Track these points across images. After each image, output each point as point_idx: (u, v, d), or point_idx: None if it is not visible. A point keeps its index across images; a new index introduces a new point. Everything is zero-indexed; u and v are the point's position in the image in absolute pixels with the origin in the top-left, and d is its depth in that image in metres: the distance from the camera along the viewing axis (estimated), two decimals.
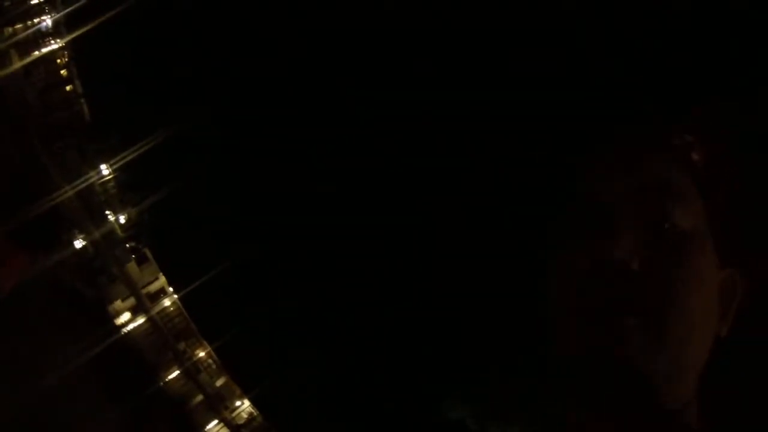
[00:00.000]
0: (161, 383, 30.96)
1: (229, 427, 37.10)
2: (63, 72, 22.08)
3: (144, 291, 32.89)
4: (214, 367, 39.63)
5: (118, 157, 24.55)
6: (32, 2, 19.38)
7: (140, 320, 31.63)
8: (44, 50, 20.43)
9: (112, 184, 26.63)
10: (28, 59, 19.49)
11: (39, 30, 20.21)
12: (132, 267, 31.34)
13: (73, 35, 20.20)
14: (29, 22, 19.56)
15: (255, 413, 40.92)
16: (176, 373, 34.13)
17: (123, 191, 27.48)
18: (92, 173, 24.61)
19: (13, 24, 18.72)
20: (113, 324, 27.62)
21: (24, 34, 19.11)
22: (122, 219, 28.80)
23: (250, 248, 33.95)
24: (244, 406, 40.58)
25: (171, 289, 36.69)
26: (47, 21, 20.26)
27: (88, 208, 25.27)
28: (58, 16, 20.17)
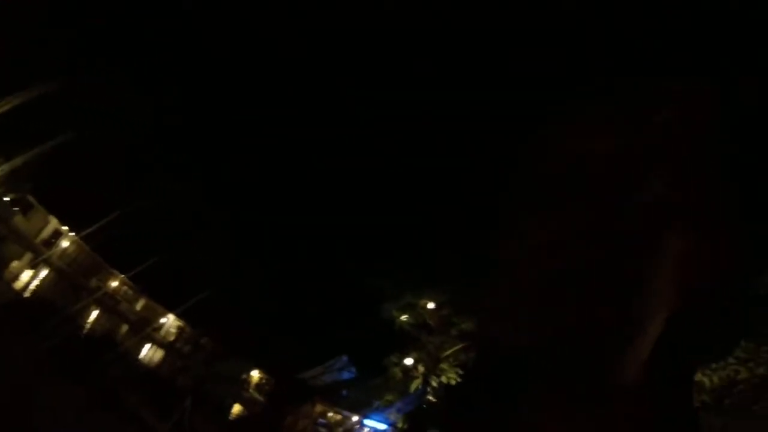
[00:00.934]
0: (85, 327, 30.61)
1: (162, 346, 38.03)
2: None
3: (38, 240, 30.98)
4: (131, 293, 39.35)
5: None
6: None
7: (43, 272, 30.19)
8: None
9: None
10: None
11: None
12: (19, 219, 29.10)
13: None
14: None
15: (183, 325, 41.90)
16: (96, 312, 33.70)
17: None
18: None
19: None
20: (16, 287, 26.28)
21: None
22: None
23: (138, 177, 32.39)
24: (171, 322, 41.34)
25: (65, 228, 34.71)
26: None
27: None
28: None
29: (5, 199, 27.84)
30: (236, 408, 36.96)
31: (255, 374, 42.44)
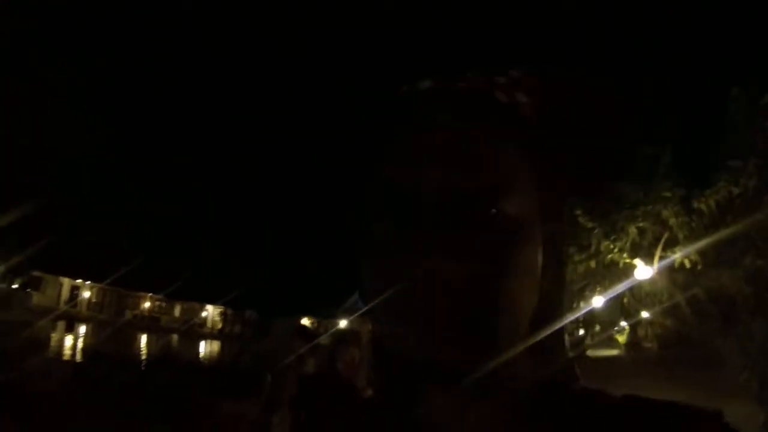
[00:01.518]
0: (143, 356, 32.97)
1: (214, 338, 40.76)
2: None
3: (61, 305, 32.67)
4: (164, 305, 41.57)
5: None
6: None
7: (82, 329, 32.16)
8: None
9: None
10: None
11: None
12: (37, 297, 30.58)
13: None
14: None
15: (224, 310, 44.40)
16: (145, 337, 36.05)
17: None
18: None
19: None
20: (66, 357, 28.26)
21: None
22: None
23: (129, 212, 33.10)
24: (211, 312, 43.85)
25: (80, 280, 36.25)
26: None
27: None
28: None
29: (15, 286, 29.08)
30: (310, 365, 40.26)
31: (305, 322, 45.47)
